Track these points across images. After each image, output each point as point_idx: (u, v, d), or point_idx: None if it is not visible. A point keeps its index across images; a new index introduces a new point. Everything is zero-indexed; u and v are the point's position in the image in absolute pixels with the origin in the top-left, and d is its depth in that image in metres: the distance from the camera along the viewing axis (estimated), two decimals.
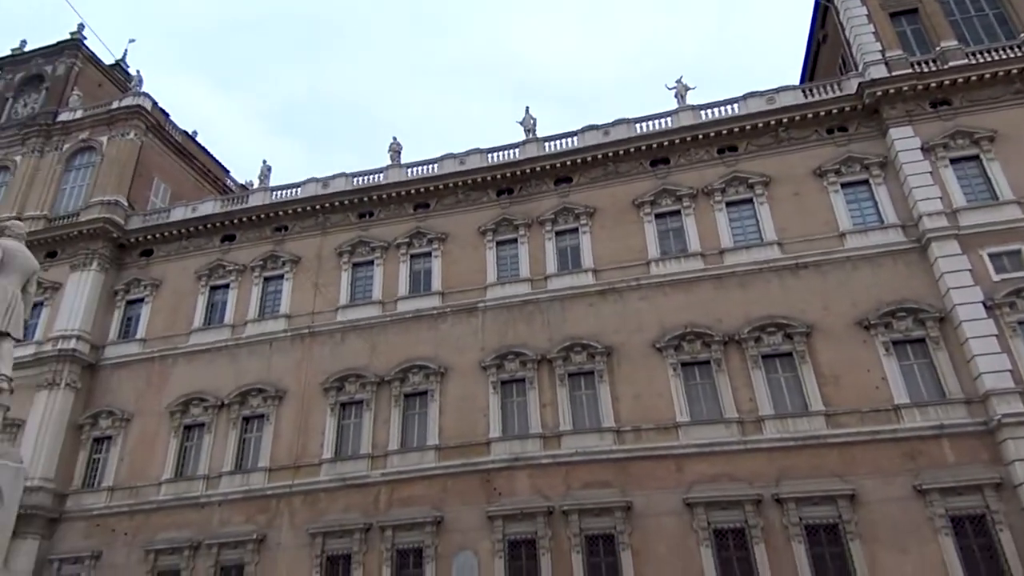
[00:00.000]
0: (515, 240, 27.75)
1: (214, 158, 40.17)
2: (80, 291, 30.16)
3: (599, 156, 27.34)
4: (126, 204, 32.61)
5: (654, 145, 26.84)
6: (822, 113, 26.06)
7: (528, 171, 28.10)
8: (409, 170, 30.55)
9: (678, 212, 25.92)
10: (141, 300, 30.85)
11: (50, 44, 38.64)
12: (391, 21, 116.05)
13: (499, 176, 28.55)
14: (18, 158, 35.28)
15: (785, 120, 26.20)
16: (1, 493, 7.52)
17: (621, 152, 27.06)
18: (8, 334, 8.63)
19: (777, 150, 26.11)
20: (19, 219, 31.61)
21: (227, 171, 41.16)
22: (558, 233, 27.03)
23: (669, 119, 27.27)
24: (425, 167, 30.30)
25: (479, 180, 28.80)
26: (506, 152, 29.00)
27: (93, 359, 29.45)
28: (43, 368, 28.57)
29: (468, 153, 29.63)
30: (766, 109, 26.34)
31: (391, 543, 22.78)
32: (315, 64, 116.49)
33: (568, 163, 27.63)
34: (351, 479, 24.45)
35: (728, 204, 25.62)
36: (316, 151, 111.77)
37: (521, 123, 29.37)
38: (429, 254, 28.74)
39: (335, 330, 27.99)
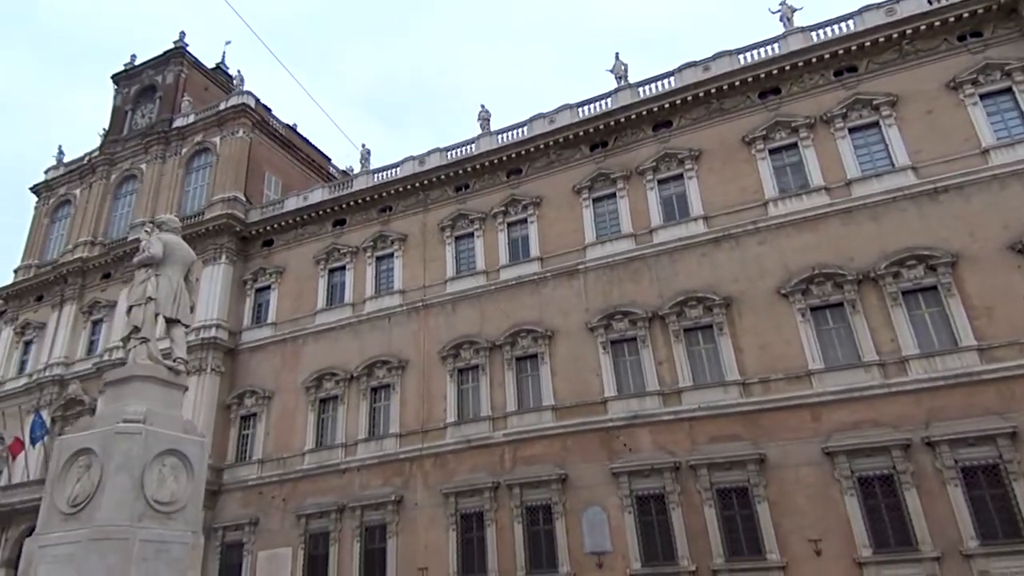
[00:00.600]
0: (613, 195, 27.15)
1: (316, 147, 42.02)
2: (213, 283, 32.84)
3: (701, 94, 25.93)
4: (244, 199, 34.94)
5: (762, 75, 25.07)
6: (951, 19, 23.23)
7: (623, 120, 27.20)
8: (500, 136, 30.52)
9: (795, 145, 24.21)
10: (268, 287, 33.19)
11: (157, 55, 41.58)
12: None
13: (592, 130, 27.88)
14: (143, 166, 38.58)
15: (909, 31, 23.61)
16: (192, 465, 8.30)
17: (725, 87, 25.51)
18: (179, 321, 9.39)
19: (902, 66, 23.65)
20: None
21: (328, 159, 42.98)
22: (661, 182, 26.14)
23: (776, 45, 25.31)
24: (516, 131, 30.15)
25: (570, 137, 28.28)
26: (598, 104, 28.23)
27: (232, 344, 32.17)
28: (190, 357, 31.55)
29: (558, 110, 29.10)
30: (887, 22, 23.82)
31: (519, 500, 23.56)
32: (387, 44, 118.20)
33: (666, 106, 26.47)
34: (475, 440, 25.40)
35: (851, 130, 23.62)
36: (402, 129, 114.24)
37: (611, 71, 28.38)
38: (525, 220, 28.77)
39: (446, 301, 28.86)
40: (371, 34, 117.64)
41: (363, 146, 34.09)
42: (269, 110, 38.70)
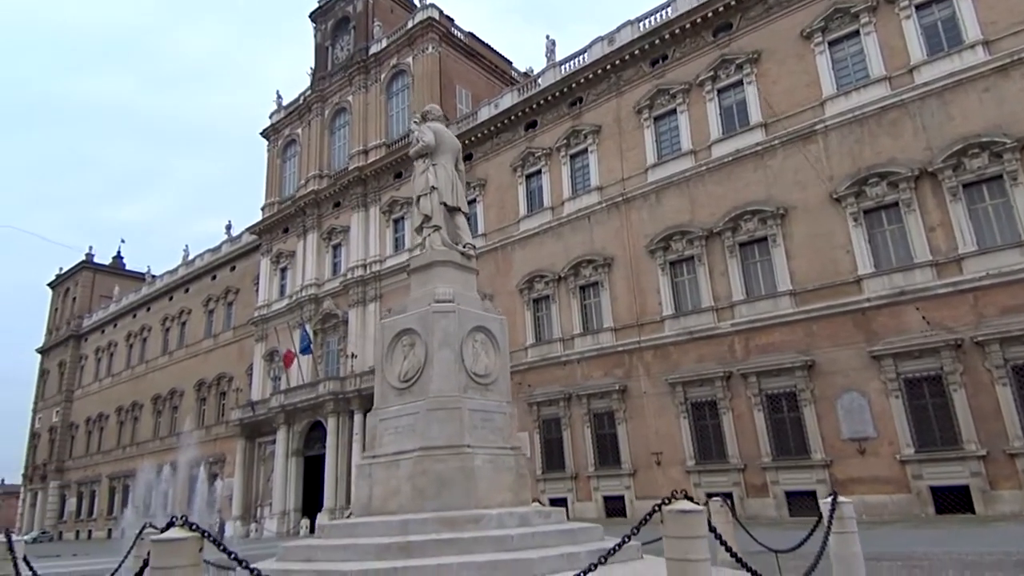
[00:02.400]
0: (855, 33, 22.32)
1: (497, 52, 41.34)
2: None
3: None
4: (443, 115, 35.81)
5: None
6: None
7: None
8: None
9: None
10: (474, 200, 34.23)
11: None
12: None
13: None
14: (350, 98, 41.39)
15: None
16: (496, 340, 8.47)
17: None
18: (459, 208, 9.42)
19: None
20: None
21: (510, 62, 42.14)
22: (919, 7, 20.77)
23: None
24: None
25: None
26: None
27: None
28: None
29: None
30: None
31: (758, 388, 22.15)
32: None
33: None
34: (697, 332, 24.17)
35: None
36: (559, 27, 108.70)
37: None
38: (740, 83, 25.21)
39: (648, 192, 27.12)
40: None
41: (547, 38, 32.46)
42: (451, 20, 38.53)
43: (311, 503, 35.01)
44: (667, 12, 27.71)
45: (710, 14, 26.01)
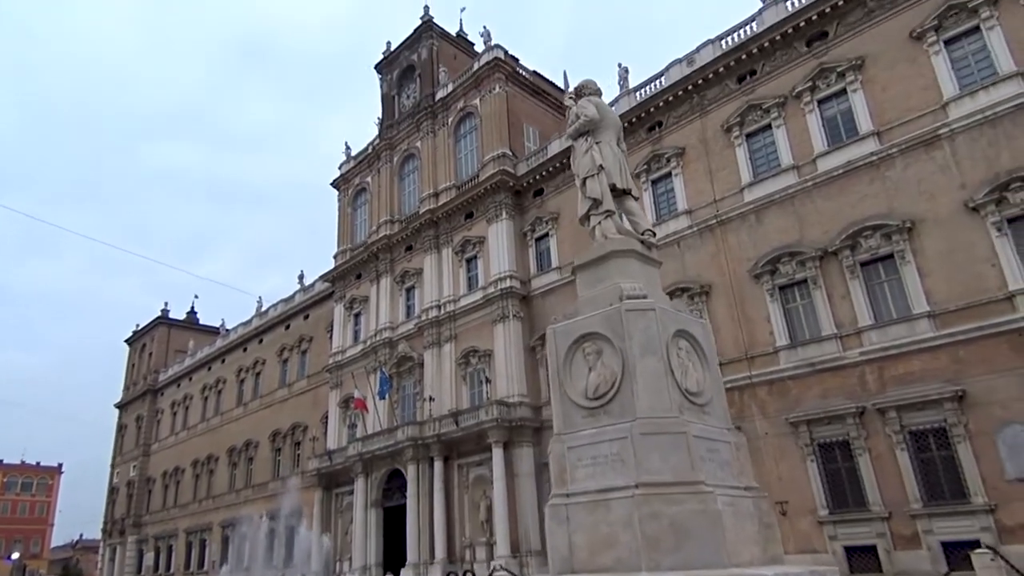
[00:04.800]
0: (976, 29, 20.54)
1: (561, 88, 41.00)
2: (499, 239, 34.04)
3: None
4: (511, 153, 35.43)
5: None
6: None
7: None
8: (789, 3, 25.48)
9: None
10: (547, 235, 33.32)
11: (408, 35, 44.27)
12: None
13: None
14: (419, 144, 41.62)
15: None
16: (704, 350, 6.88)
17: None
18: (629, 191, 8.11)
19: None
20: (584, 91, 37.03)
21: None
22: None
23: None
24: None
25: None
26: None
27: (525, 292, 33.06)
28: (492, 307, 33.21)
29: None
30: None
31: (899, 425, 19.52)
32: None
33: None
34: (820, 363, 21.80)
35: None
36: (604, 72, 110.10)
37: None
38: (844, 91, 23.54)
39: (746, 212, 25.38)
40: None
41: (619, 65, 31.75)
42: (516, 59, 38.55)
43: (392, 557, 33.27)
44: (752, 27, 26.55)
45: (803, 23, 24.68)
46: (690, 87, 28.11)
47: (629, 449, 5.82)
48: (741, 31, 26.97)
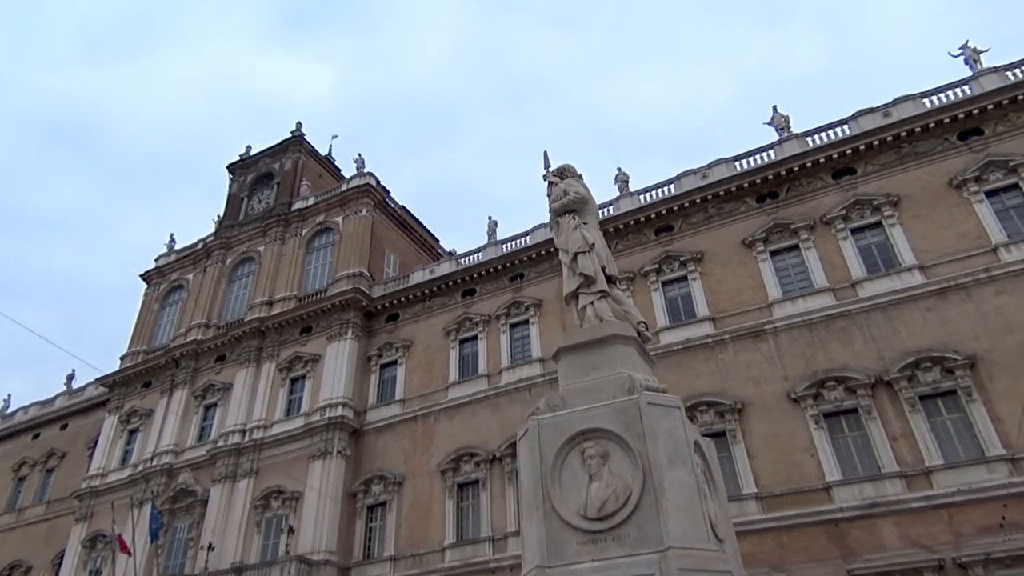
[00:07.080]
0: (795, 247, 24.78)
1: (426, 227, 41.69)
2: (339, 360, 31.06)
3: (888, 139, 23.90)
4: (368, 275, 33.94)
5: (961, 116, 22.87)
6: None
7: (796, 169, 25.40)
8: (642, 196, 29.23)
9: (1016, 186, 21.69)
10: (394, 362, 31.22)
11: (275, 144, 43.08)
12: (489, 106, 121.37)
13: (758, 180, 26.12)
14: (261, 248, 38.46)
15: None
16: (713, 474, 5.77)
17: (918, 129, 23.47)
18: (616, 280, 7.38)
19: None
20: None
21: (437, 239, 42.51)
22: (854, 231, 23.63)
23: (968, 87, 23.47)
24: (662, 189, 28.84)
25: (732, 190, 26.58)
26: (762, 155, 26.72)
27: (357, 424, 29.74)
28: (314, 439, 29.13)
29: (711, 165, 27.74)
30: None
31: None
32: (426, 157, 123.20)
33: (848, 152, 24.54)
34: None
35: None
36: (451, 231, 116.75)
37: (770, 123, 27.15)
38: (685, 278, 26.56)
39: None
40: (417, 147, 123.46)
41: (489, 218, 33.24)
42: (387, 191, 38.79)
43: None
44: (610, 210, 29.40)
45: (653, 215, 28.07)
46: (549, 250, 29.82)
47: None
48: (607, 208, 29.81)
